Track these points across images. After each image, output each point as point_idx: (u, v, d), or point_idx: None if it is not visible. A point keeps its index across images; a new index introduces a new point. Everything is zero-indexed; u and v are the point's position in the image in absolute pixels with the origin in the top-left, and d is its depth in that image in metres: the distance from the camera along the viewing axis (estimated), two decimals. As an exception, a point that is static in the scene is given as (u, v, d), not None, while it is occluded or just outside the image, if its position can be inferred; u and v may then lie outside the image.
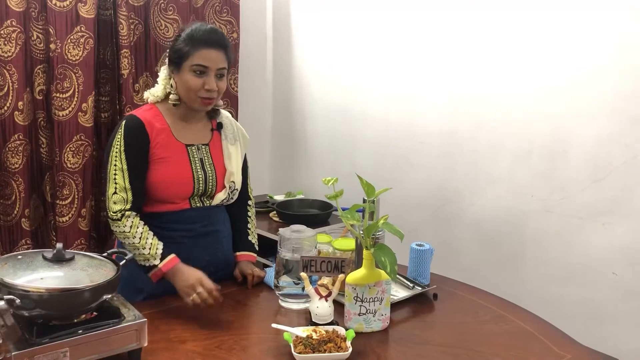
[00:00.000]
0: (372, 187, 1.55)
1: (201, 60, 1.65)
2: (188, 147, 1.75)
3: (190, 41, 1.66)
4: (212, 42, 1.66)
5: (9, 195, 2.55)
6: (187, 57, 1.66)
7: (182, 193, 1.73)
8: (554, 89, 2.12)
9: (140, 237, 1.64)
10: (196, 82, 1.66)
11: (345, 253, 1.79)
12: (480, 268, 2.41)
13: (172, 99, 1.72)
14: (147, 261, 1.63)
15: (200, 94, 1.67)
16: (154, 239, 1.65)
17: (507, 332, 1.57)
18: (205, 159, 1.77)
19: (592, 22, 2.00)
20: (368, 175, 1.64)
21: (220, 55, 1.67)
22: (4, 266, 1.29)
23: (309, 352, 1.36)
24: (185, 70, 1.67)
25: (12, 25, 2.43)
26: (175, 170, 1.71)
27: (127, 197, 1.65)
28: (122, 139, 1.67)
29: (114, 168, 1.66)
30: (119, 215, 1.65)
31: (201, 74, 1.66)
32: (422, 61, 2.56)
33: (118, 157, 1.66)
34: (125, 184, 1.65)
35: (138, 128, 1.68)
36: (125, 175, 1.66)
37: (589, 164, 2.06)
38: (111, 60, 2.76)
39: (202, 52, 1.65)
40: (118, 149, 1.66)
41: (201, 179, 1.74)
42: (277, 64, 3.36)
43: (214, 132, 1.83)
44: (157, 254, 1.63)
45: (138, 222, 1.66)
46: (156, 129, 1.70)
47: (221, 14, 3.06)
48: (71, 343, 1.22)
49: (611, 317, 2.05)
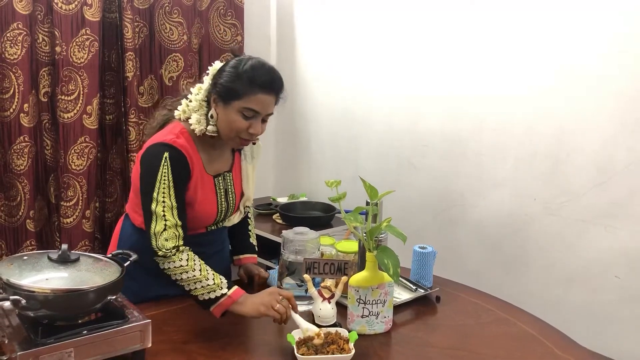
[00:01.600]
0: (375, 189, 1.56)
1: (254, 106, 1.55)
2: (215, 179, 1.69)
3: (249, 83, 1.54)
4: (270, 89, 1.57)
5: (14, 197, 2.57)
6: (240, 98, 1.55)
7: (203, 223, 1.71)
8: (557, 92, 2.13)
9: (200, 269, 1.52)
10: (242, 125, 1.56)
11: (348, 255, 1.80)
12: (483, 271, 2.41)
13: (210, 131, 1.60)
14: (213, 292, 1.50)
15: (242, 135, 1.59)
16: (213, 271, 1.55)
17: (510, 334, 1.57)
18: (229, 187, 1.73)
19: (596, 25, 2.00)
20: (371, 177, 1.65)
21: (272, 101, 1.59)
22: (10, 267, 1.30)
23: (312, 353, 1.36)
24: (233, 109, 1.56)
25: (18, 28, 2.44)
26: (203, 205, 1.65)
27: (179, 233, 1.55)
28: (170, 174, 1.55)
29: (162, 205, 1.54)
30: (174, 251, 1.53)
31: (249, 118, 1.57)
32: (426, 63, 2.56)
33: (166, 193, 1.54)
34: (176, 220, 1.55)
35: (182, 161, 1.57)
36: (175, 212, 1.55)
37: (592, 167, 2.06)
38: (116, 62, 2.78)
39: (258, 97, 1.55)
40: (166, 184, 1.54)
41: (224, 210, 1.72)
42: (280, 66, 3.31)
43: (235, 153, 1.79)
44: (223, 282, 1.52)
45: (193, 255, 1.55)
46: (192, 163, 1.61)
47: (225, 17, 3.07)
48: (76, 343, 1.22)
49: (614, 320, 2.05)
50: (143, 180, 1.57)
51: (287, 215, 2.82)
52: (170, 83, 2.91)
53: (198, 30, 2.97)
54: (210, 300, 1.50)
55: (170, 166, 1.54)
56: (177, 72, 2.91)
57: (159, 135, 1.62)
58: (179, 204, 1.56)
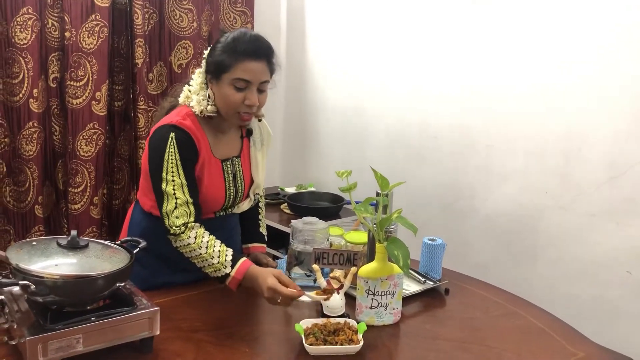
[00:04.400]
0: (386, 180, 1.55)
1: (243, 74, 1.54)
2: (223, 163, 1.68)
3: (232, 52, 1.54)
4: (255, 54, 1.55)
5: (23, 182, 2.57)
6: (228, 70, 1.54)
7: (211, 208, 1.70)
8: (569, 85, 2.10)
9: (206, 247, 1.53)
10: (236, 97, 1.56)
11: (357, 246, 1.79)
12: (493, 264, 2.40)
13: (209, 111, 1.61)
14: (219, 271, 1.53)
15: (240, 109, 1.58)
16: (222, 246, 1.55)
17: (519, 328, 1.56)
18: (237, 173, 1.72)
19: (608, 18, 1.97)
20: (380, 169, 1.63)
21: (263, 68, 1.56)
22: (19, 252, 1.29)
23: (320, 344, 1.36)
24: (224, 83, 1.56)
25: (28, 13, 2.43)
26: (211, 189, 1.65)
27: (190, 211, 1.56)
28: (177, 153, 1.55)
29: (172, 184, 1.55)
30: (182, 228, 1.54)
31: (242, 89, 1.56)
32: (436, 55, 2.54)
33: (175, 172, 1.55)
34: (187, 197, 1.55)
35: (189, 142, 1.57)
36: (185, 190, 1.55)
37: (603, 162, 2.03)
38: (125, 49, 2.77)
39: (244, 65, 1.54)
40: (174, 163, 1.55)
41: (232, 194, 1.71)
42: (290, 55, 3.35)
43: (244, 139, 1.77)
44: (227, 261, 1.52)
45: (203, 232, 1.56)
46: (200, 145, 1.61)
47: (235, 5, 3.05)
48: (84, 330, 1.22)
49: (624, 316, 2.03)
50: (151, 162, 1.58)
51: (295, 205, 2.81)
52: (180, 70, 2.89)
53: (208, 18, 2.96)
54: (220, 278, 1.53)
55: (176, 146, 1.55)
56: (187, 60, 2.90)
57: (166, 118, 1.64)
58: (189, 182, 1.57)
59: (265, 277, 1.49)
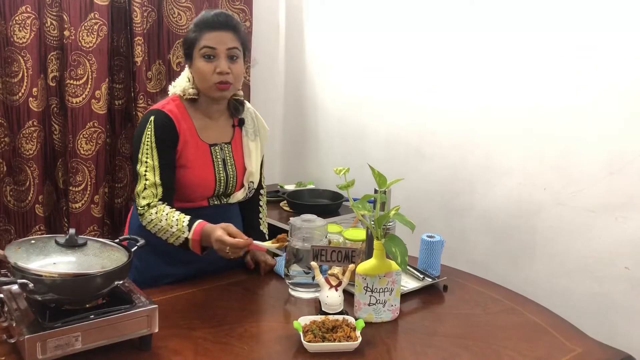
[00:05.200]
0: (384, 177, 1.55)
1: (208, 42, 1.62)
2: (212, 148, 1.73)
3: (197, 27, 1.65)
4: (217, 24, 1.64)
5: (23, 182, 2.57)
6: (195, 43, 1.64)
7: (202, 194, 1.72)
8: (568, 80, 2.10)
9: (166, 218, 1.59)
10: (207, 67, 1.63)
11: (355, 243, 1.79)
12: (491, 260, 2.40)
13: (190, 93, 1.69)
14: (180, 238, 1.58)
15: (213, 79, 1.63)
16: (180, 215, 1.59)
17: (517, 324, 1.56)
18: (227, 159, 1.75)
19: (608, 18, 1.97)
20: (379, 166, 1.63)
21: (228, 36, 1.64)
22: (18, 250, 1.30)
23: (319, 340, 1.36)
24: (196, 58, 1.65)
25: (26, 12, 2.44)
26: (199, 173, 1.69)
27: (157, 192, 1.62)
28: (153, 135, 1.62)
29: (144, 165, 1.62)
30: (146, 208, 1.61)
31: (211, 58, 1.63)
32: (435, 51, 2.54)
33: (149, 153, 1.62)
34: (156, 179, 1.62)
35: (168, 124, 1.65)
36: (157, 171, 1.62)
37: (602, 157, 2.03)
38: (125, 47, 2.77)
39: (209, 35, 1.63)
40: (149, 145, 1.62)
41: (222, 180, 1.73)
42: (289, 53, 3.35)
43: (236, 128, 1.81)
44: (184, 227, 1.57)
45: (163, 208, 1.61)
46: (183, 128, 1.67)
47: (234, 2, 3.05)
48: (83, 328, 1.23)
49: (623, 312, 2.03)
50: (133, 146, 1.68)
51: (295, 203, 2.81)
52: (178, 69, 2.89)
53: (207, 16, 2.95)
54: (183, 245, 1.59)
55: (153, 128, 1.63)
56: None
57: (153, 106, 1.73)
58: (163, 164, 1.62)
59: (215, 231, 1.54)
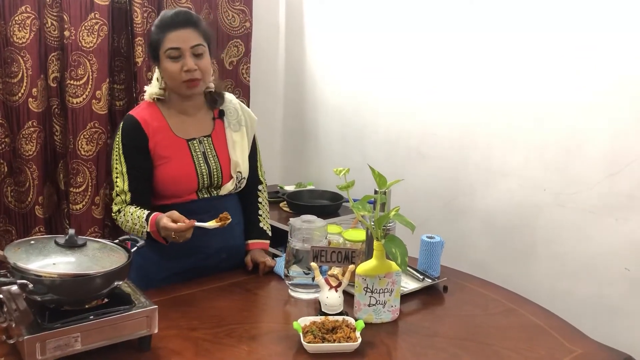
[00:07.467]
0: (384, 177, 1.55)
1: (171, 43, 1.65)
2: (189, 142, 1.75)
3: (159, 28, 1.67)
4: (178, 23, 1.65)
5: (23, 183, 2.57)
6: (160, 46, 1.67)
7: (187, 189, 1.74)
8: (568, 81, 2.10)
9: (131, 218, 1.66)
10: (174, 67, 1.65)
11: (355, 244, 1.79)
12: (491, 261, 2.40)
13: (156, 94, 1.74)
14: (144, 232, 1.64)
15: (182, 77, 1.66)
16: (141, 212, 1.65)
17: (517, 325, 1.56)
18: (208, 151, 1.77)
19: (607, 17, 1.97)
20: (379, 166, 1.63)
21: (189, 33, 1.66)
22: (17, 251, 1.30)
23: (319, 341, 1.36)
24: (162, 59, 1.67)
25: (26, 12, 2.43)
26: (178, 168, 1.71)
27: (126, 198, 1.69)
28: (120, 142, 1.69)
29: (115, 171, 1.71)
30: (117, 213, 1.71)
31: (177, 58, 1.65)
32: (435, 52, 2.53)
33: (118, 159, 1.70)
34: (125, 186, 1.69)
35: (134, 128, 1.69)
36: (125, 177, 1.69)
37: (603, 158, 2.03)
38: (126, 48, 2.77)
39: (171, 35, 1.65)
40: (118, 151, 1.70)
41: (205, 173, 1.74)
42: (289, 53, 3.35)
43: (216, 120, 1.82)
44: (143, 221, 1.64)
45: (129, 208, 1.68)
46: (153, 127, 1.70)
47: (234, 3, 3.05)
48: (82, 328, 1.23)
49: (623, 313, 2.03)
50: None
51: (294, 204, 2.81)
52: (179, 69, 2.89)
53: (206, 16, 2.95)
54: (148, 237, 1.63)
55: (121, 135, 1.69)
56: (186, 58, 2.90)
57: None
58: (131, 170, 1.68)
59: (160, 220, 1.59)
